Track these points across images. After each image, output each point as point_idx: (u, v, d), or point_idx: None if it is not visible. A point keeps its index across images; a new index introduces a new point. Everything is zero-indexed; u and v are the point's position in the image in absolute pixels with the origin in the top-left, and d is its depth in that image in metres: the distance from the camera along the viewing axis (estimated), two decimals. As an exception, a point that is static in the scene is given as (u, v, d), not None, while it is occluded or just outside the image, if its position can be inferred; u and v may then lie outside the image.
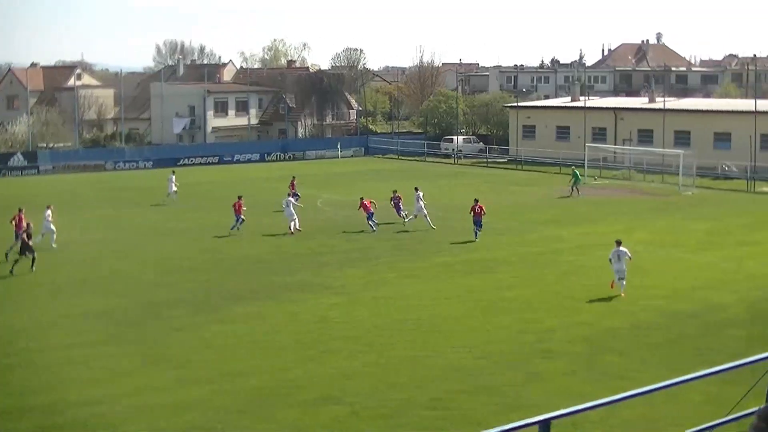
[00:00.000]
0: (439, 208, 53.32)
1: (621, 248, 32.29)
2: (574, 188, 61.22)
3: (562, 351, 25.58)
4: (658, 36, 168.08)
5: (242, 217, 45.66)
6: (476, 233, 43.13)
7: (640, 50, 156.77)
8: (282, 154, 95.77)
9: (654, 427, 18.48)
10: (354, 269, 37.13)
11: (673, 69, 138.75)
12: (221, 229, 46.40)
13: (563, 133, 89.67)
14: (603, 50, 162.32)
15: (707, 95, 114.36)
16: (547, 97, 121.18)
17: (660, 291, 32.98)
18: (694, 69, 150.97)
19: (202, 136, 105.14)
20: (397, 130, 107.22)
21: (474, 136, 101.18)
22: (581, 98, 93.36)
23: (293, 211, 45.96)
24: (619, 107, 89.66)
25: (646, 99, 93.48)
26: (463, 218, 46.72)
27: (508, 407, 20.69)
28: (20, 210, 40.36)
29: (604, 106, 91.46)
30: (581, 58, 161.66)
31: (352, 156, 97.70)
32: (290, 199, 47.42)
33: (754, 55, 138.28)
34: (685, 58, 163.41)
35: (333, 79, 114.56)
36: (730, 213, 53.29)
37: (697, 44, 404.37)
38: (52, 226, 41.54)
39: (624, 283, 31.80)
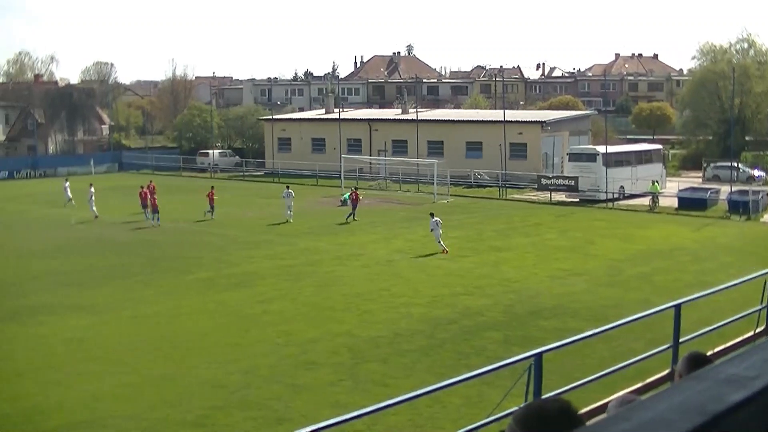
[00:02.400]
0: (194, 223, 52.72)
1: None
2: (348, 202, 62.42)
3: (325, 362, 25.60)
4: (409, 48, 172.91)
5: None
6: None
7: (392, 62, 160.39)
8: (32, 171, 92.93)
9: (418, 433, 18.71)
10: (109, 288, 36.04)
11: (425, 80, 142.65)
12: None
13: (319, 144, 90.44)
14: (356, 62, 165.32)
15: (458, 106, 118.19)
16: (301, 109, 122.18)
17: (419, 299, 33.57)
18: (444, 80, 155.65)
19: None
20: (151, 145, 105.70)
21: (230, 150, 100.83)
22: (335, 110, 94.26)
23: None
24: (373, 118, 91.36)
25: (399, 110, 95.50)
26: (219, 232, 46.27)
27: (274, 420, 20.54)
28: None
29: (359, 117, 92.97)
30: (334, 70, 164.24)
31: (106, 172, 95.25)
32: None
33: (501, 67, 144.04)
34: (435, 69, 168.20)
35: (83, 94, 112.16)
36: (484, 219, 55.00)
37: (446, 56, 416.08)
38: None
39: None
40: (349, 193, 55.62)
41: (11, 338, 28.92)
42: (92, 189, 57.72)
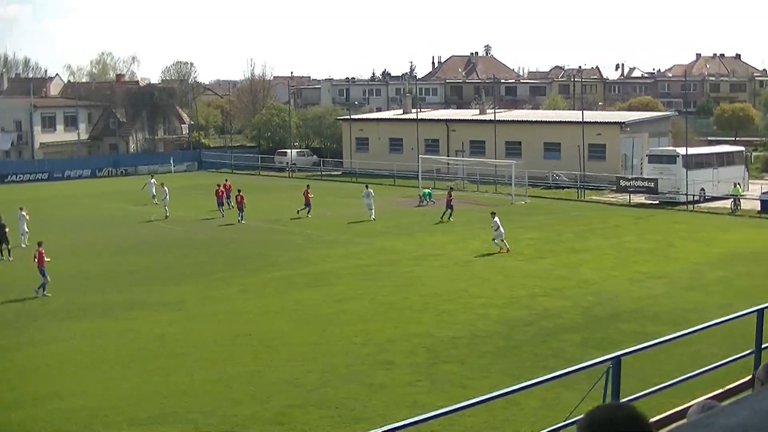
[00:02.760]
0: (273, 221, 53.24)
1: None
2: (426, 200, 62.66)
3: (402, 362, 25.70)
4: (487, 48, 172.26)
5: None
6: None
7: (470, 62, 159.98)
8: (114, 170, 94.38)
9: (495, 435, 18.75)
10: (191, 285, 36.60)
11: (502, 81, 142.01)
12: (55, 246, 45.13)
13: (396, 145, 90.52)
14: (433, 62, 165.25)
15: (536, 106, 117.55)
16: (379, 109, 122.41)
17: (497, 300, 33.53)
18: (522, 81, 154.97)
19: (30, 151, 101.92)
20: (229, 144, 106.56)
21: (308, 149, 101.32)
22: (413, 110, 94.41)
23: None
24: (451, 119, 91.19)
25: (477, 110, 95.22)
26: (298, 231, 46.71)
27: (350, 419, 20.67)
28: None
29: (436, 117, 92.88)
30: (412, 70, 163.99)
31: (185, 170, 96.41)
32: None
33: (580, 67, 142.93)
34: (513, 69, 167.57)
35: (163, 93, 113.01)
36: (562, 221, 54.69)
37: (524, 56, 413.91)
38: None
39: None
40: (438, 192, 55.63)
41: (105, 332, 29.60)
42: (166, 189, 58.17)
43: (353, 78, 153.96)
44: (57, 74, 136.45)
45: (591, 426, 2.76)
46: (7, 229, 44.49)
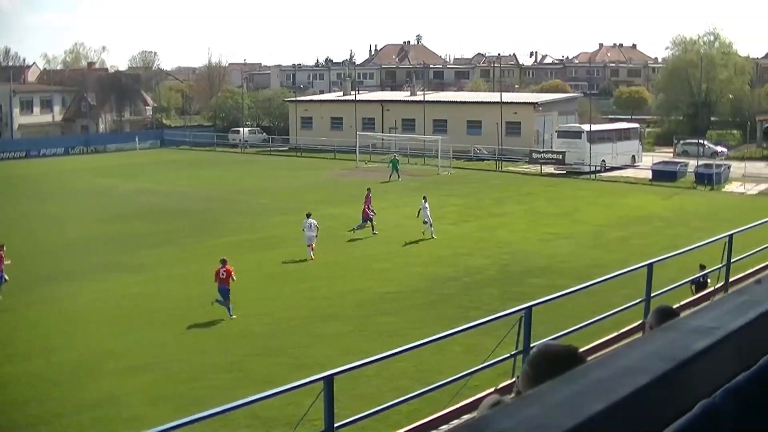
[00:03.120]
0: (231, 191, 52.84)
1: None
2: (394, 173, 61.43)
3: (341, 315, 25.71)
4: (418, 37, 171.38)
5: None
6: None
7: (403, 50, 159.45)
8: (85, 148, 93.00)
9: (423, 377, 18.74)
10: (159, 249, 36.16)
11: (431, 66, 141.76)
12: (29, 217, 44.53)
13: (337, 123, 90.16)
14: (370, 50, 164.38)
15: (460, 89, 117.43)
16: (322, 92, 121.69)
17: (424, 259, 33.63)
18: (448, 66, 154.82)
19: (9, 132, 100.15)
20: (189, 124, 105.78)
21: (258, 128, 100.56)
22: (352, 92, 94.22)
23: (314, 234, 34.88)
24: (385, 100, 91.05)
25: (409, 92, 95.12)
26: (251, 200, 46.46)
27: (296, 366, 20.61)
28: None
29: (372, 99, 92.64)
30: (351, 57, 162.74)
31: (149, 148, 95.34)
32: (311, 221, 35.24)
33: (499, 55, 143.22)
34: (441, 56, 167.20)
35: (130, 79, 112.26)
36: (482, 190, 54.88)
37: (451, 45, 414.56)
38: None
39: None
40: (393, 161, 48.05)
41: (87, 293, 29.34)
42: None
43: (299, 64, 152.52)
44: (34, 62, 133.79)
45: (534, 359, 2.87)
46: None
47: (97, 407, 18.82)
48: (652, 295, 14.76)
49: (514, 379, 7.65)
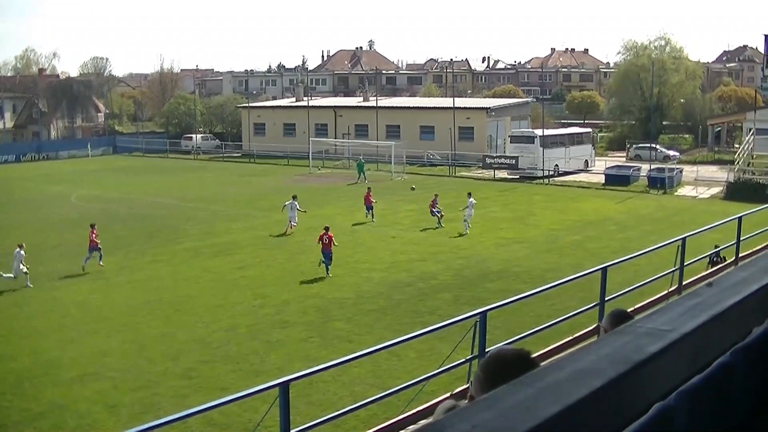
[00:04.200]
0: (182, 199, 52.46)
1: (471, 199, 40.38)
2: (361, 176, 61.46)
3: (296, 321, 25.61)
4: (371, 43, 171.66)
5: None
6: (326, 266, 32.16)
7: (355, 56, 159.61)
8: (36, 155, 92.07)
9: (379, 382, 18.75)
10: (110, 257, 35.64)
11: (384, 72, 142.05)
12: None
13: (290, 129, 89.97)
14: (323, 56, 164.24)
15: (413, 94, 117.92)
16: (275, 98, 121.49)
17: (380, 265, 33.62)
18: (401, 72, 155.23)
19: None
20: (141, 131, 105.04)
21: (211, 134, 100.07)
22: (305, 98, 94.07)
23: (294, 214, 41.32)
24: (338, 105, 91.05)
25: (361, 98, 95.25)
26: (203, 207, 46.19)
27: (251, 373, 20.54)
28: None
29: (325, 105, 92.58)
30: (304, 63, 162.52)
31: (101, 155, 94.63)
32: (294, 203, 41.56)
33: (451, 60, 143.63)
34: (393, 62, 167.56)
35: (81, 85, 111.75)
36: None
37: (403, 50, 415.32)
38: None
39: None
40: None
41: (32, 301, 28.96)
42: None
43: (252, 70, 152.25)
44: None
45: (486, 364, 2.88)
46: None
47: (42, 417, 18.53)
48: (606, 298, 14.88)
49: (468, 384, 7.68)
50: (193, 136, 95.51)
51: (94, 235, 34.05)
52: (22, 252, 31.22)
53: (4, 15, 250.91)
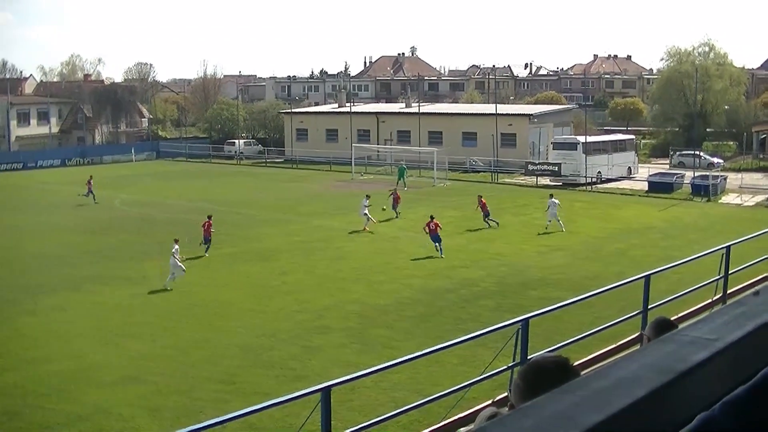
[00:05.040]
0: (223, 203, 52.77)
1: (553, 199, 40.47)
2: (401, 181, 61.29)
3: (336, 327, 25.66)
4: (413, 49, 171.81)
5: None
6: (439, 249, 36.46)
7: (398, 62, 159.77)
8: (81, 159, 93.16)
9: (419, 389, 18.73)
10: (150, 261, 36.05)
11: (426, 78, 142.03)
12: (25, 229, 44.40)
13: (332, 135, 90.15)
14: (365, 62, 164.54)
15: (455, 100, 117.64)
16: (317, 103, 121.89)
17: (421, 271, 33.60)
18: (443, 78, 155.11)
19: (6, 144, 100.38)
20: (184, 136, 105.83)
21: (254, 140, 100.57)
22: (347, 104, 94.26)
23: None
24: (381, 112, 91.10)
25: (404, 104, 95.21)
26: (244, 212, 46.43)
27: (292, 378, 20.61)
28: None
29: (367, 111, 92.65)
30: (346, 69, 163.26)
31: (145, 159, 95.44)
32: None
33: (494, 66, 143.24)
34: (435, 68, 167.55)
35: (126, 91, 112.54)
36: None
37: (446, 56, 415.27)
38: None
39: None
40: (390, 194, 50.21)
41: (74, 305, 29.21)
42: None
43: (294, 76, 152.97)
44: (31, 75, 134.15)
45: (525, 372, 2.88)
46: None
47: (86, 420, 18.74)
48: (649, 306, 14.76)
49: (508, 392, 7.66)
50: (236, 141, 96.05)
51: (208, 226, 37.81)
52: (177, 246, 32.50)
53: (50, 21, 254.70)
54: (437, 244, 36.09)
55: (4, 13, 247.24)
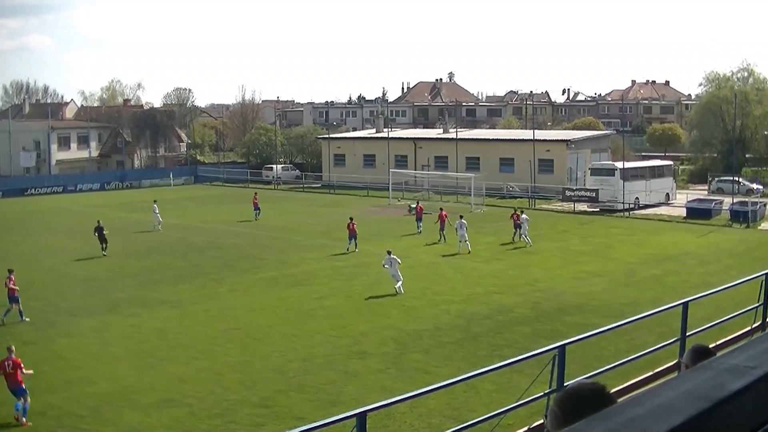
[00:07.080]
0: (260, 228, 53.01)
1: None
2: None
3: (373, 352, 25.63)
4: (450, 75, 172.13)
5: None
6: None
7: (435, 87, 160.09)
8: (120, 183, 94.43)
9: (455, 415, 18.64)
10: (187, 285, 36.33)
11: (464, 104, 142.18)
12: (65, 252, 44.85)
13: (369, 160, 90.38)
14: (403, 88, 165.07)
15: (493, 126, 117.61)
16: (355, 129, 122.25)
17: (457, 296, 33.51)
18: (481, 104, 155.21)
19: (47, 168, 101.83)
20: (222, 160, 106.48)
21: (291, 165, 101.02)
22: (384, 130, 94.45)
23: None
24: (418, 137, 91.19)
25: (441, 130, 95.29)
26: (283, 236, 46.53)
27: (328, 403, 20.59)
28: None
29: (405, 136, 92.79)
30: (384, 94, 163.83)
31: (183, 184, 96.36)
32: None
33: (531, 92, 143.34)
34: (473, 94, 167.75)
35: (165, 116, 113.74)
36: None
37: (483, 82, 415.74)
38: None
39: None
40: (414, 204, 52.12)
41: (111, 327, 29.48)
42: (155, 206, 56.57)
43: (332, 101, 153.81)
44: (72, 99, 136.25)
45: (562, 399, 2.85)
46: (106, 231, 45.24)
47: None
48: (687, 333, 14.61)
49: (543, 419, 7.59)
50: (274, 166, 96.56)
51: (353, 225, 44.58)
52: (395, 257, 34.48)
53: (91, 47, 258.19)
54: (419, 222, 41.02)
55: (46, 38, 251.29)
